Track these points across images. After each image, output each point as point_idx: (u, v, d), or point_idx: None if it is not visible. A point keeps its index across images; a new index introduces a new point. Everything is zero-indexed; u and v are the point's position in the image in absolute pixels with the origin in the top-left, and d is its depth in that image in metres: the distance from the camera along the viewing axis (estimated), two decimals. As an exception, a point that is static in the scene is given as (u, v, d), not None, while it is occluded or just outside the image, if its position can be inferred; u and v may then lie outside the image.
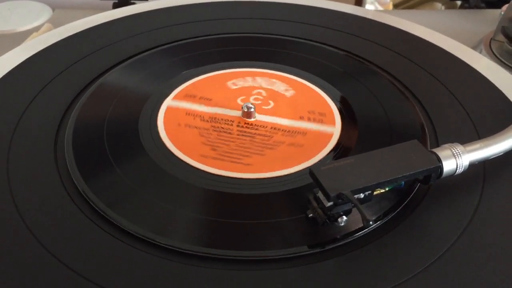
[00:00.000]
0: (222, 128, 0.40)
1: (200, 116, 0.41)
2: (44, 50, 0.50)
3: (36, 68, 0.47)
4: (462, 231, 0.31)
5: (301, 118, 0.42)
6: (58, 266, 0.28)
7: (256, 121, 0.41)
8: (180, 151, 0.37)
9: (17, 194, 0.33)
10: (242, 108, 0.41)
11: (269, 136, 0.40)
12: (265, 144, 0.39)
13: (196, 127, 0.40)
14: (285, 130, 0.40)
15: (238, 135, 0.40)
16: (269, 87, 0.46)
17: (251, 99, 0.44)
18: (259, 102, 0.43)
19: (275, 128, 0.40)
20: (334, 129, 0.40)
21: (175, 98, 0.44)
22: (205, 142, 0.39)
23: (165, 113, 0.42)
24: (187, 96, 0.44)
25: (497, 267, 0.29)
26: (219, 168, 0.36)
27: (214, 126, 0.40)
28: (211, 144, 0.38)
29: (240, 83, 0.46)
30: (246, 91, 0.45)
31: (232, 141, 0.39)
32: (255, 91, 0.45)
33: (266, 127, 0.40)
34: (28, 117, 0.41)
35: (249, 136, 0.39)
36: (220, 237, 0.31)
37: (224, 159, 0.37)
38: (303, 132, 0.40)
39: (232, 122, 0.41)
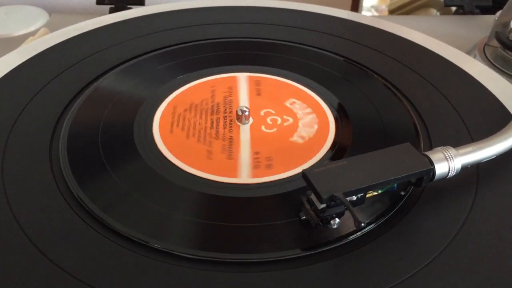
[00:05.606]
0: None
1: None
2: (40, 54, 0.50)
3: (31, 72, 0.47)
4: (455, 234, 0.31)
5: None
6: (54, 269, 0.28)
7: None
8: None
9: (12, 198, 0.33)
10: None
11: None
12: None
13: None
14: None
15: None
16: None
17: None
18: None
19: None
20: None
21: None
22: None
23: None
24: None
25: (490, 271, 0.29)
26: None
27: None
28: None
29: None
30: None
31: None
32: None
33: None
34: (22, 122, 0.40)
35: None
36: (213, 240, 0.31)
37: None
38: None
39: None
